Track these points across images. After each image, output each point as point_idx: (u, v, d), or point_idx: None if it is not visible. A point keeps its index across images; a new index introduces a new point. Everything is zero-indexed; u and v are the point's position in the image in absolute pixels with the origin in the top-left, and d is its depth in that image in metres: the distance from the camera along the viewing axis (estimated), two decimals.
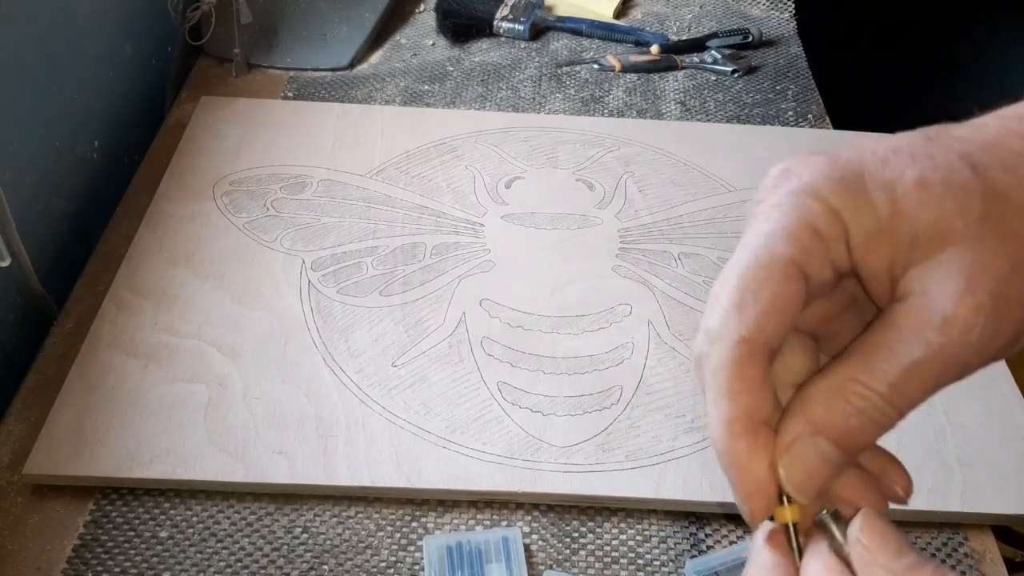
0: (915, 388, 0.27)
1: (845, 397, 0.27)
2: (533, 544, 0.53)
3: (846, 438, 0.27)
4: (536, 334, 0.63)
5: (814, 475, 0.28)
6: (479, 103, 0.86)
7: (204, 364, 0.60)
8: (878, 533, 0.26)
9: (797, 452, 0.28)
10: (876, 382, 0.27)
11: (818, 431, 0.27)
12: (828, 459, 0.28)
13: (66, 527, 0.53)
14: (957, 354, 0.27)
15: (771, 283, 0.27)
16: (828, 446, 0.27)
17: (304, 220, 0.71)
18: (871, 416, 0.27)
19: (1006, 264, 0.27)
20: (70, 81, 0.72)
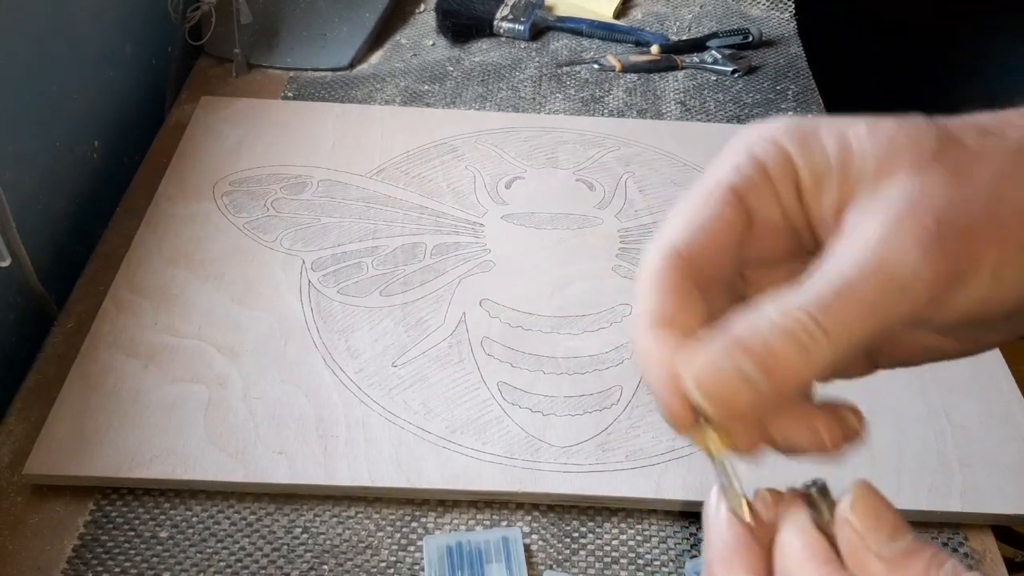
0: (850, 312, 0.24)
1: (770, 316, 0.25)
2: (533, 544, 0.53)
3: (771, 361, 0.24)
4: (536, 334, 0.63)
5: (729, 388, 0.24)
6: (479, 103, 0.86)
7: (204, 364, 0.60)
8: (871, 511, 0.24)
9: (712, 358, 0.25)
10: (806, 302, 0.24)
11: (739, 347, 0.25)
12: (748, 378, 0.24)
13: (66, 527, 0.53)
14: (895, 276, 0.24)
15: (708, 203, 0.27)
16: (749, 365, 0.24)
17: (304, 220, 0.71)
18: (799, 340, 0.24)
19: (956, 196, 0.25)
20: (70, 81, 0.72)
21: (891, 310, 0.24)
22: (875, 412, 0.60)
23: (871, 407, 0.64)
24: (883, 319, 0.24)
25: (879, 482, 0.60)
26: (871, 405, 0.63)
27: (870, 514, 0.24)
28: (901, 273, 0.24)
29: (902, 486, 0.55)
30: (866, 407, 0.64)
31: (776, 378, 0.24)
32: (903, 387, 0.61)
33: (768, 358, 0.24)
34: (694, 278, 0.27)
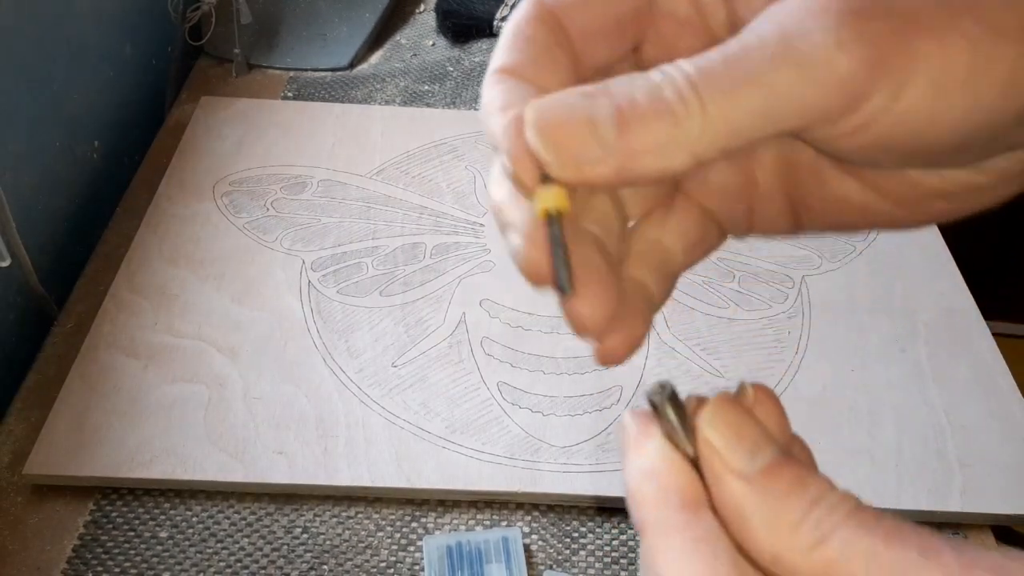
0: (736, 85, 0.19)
1: (646, 75, 0.20)
2: (533, 544, 0.53)
3: (629, 116, 0.20)
4: (536, 334, 0.63)
5: (573, 133, 0.20)
6: (479, 103, 0.86)
7: (204, 364, 0.60)
8: (730, 425, 0.20)
9: (563, 97, 0.21)
10: (688, 62, 0.20)
11: (599, 91, 0.20)
12: (597, 127, 0.20)
13: (66, 527, 0.53)
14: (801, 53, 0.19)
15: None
16: (604, 112, 0.20)
17: (304, 220, 0.71)
18: (668, 104, 0.20)
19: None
20: (70, 81, 0.72)
21: (790, 96, 0.20)
22: (875, 412, 0.60)
23: (871, 407, 0.64)
24: (778, 107, 0.20)
25: (879, 482, 0.60)
26: (871, 405, 0.63)
27: (728, 428, 0.20)
28: (809, 53, 0.19)
29: (902, 486, 0.55)
30: (866, 407, 0.65)
31: (630, 139, 0.20)
32: (903, 387, 0.61)
33: (627, 112, 0.20)
34: (563, 39, 0.23)
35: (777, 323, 0.65)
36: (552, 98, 0.21)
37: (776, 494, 0.19)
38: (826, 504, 0.19)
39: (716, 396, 0.21)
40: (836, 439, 0.58)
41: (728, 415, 0.21)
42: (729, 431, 0.20)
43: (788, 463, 0.20)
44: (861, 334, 0.65)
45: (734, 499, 0.20)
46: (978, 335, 0.65)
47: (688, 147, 0.20)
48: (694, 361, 0.62)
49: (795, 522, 0.19)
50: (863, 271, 0.70)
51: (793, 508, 0.19)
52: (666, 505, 0.20)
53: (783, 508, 0.19)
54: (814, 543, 0.18)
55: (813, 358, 0.63)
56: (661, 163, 0.20)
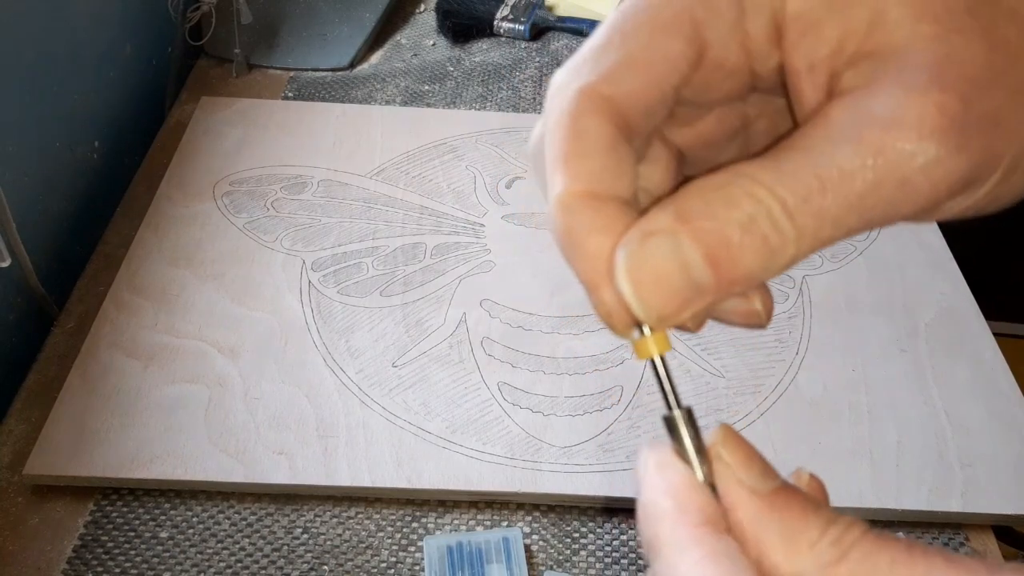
0: (831, 205, 0.19)
1: (732, 195, 0.19)
2: (534, 544, 0.53)
3: (721, 252, 0.19)
4: (536, 334, 0.63)
5: (667, 285, 0.20)
6: (479, 103, 0.86)
7: (204, 364, 0.60)
8: (740, 449, 0.21)
9: (651, 249, 0.20)
10: (779, 184, 0.19)
11: (687, 229, 0.20)
12: (690, 273, 0.20)
13: (66, 527, 0.53)
14: (898, 165, 0.19)
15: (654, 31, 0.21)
16: (695, 254, 0.19)
17: (304, 220, 0.71)
18: (762, 230, 0.19)
19: (986, 69, 0.19)
20: (70, 81, 0.72)
21: (883, 212, 0.19)
22: (875, 412, 0.60)
23: (871, 407, 0.64)
24: (869, 221, 0.19)
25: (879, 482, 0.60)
26: (871, 405, 0.63)
27: (740, 451, 0.21)
28: (908, 169, 0.19)
29: (902, 486, 0.55)
30: (866, 407, 0.64)
31: (724, 277, 0.20)
32: (903, 387, 0.61)
33: (722, 252, 0.19)
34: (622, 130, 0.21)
35: (777, 323, 0.65)
36: (641, 245, 0.20)
37: (793, 512, 0.20)
38: (843, 522, 0.19)
39: (721, 425, 0.22)
40: (836, 439, 0.58)
41: (737, 440, 0.21)
42: (741, 452, 0.21)
43: (796, 488, 0.20)
44: (861, 334, 0.65)
45: (752, 517, 0.20)
46: (978, 335, 0.65)
47: (776, 270, 0.20)
48: (694, 361, 0.62)
49: (814, 539, 0.19)
50: (863, 271, 0.70)
51: (811, 525, 0.19)
52: (686, 521, 0.20)
53: (801, 526, 0.19)
54: (835, 559, 0.19)
55: (813, 358, 0.63)
56: (745, 287, 0.20)
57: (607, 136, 0.21)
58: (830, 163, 0.19)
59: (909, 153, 0.19)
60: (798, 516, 0.19)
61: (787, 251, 0.19)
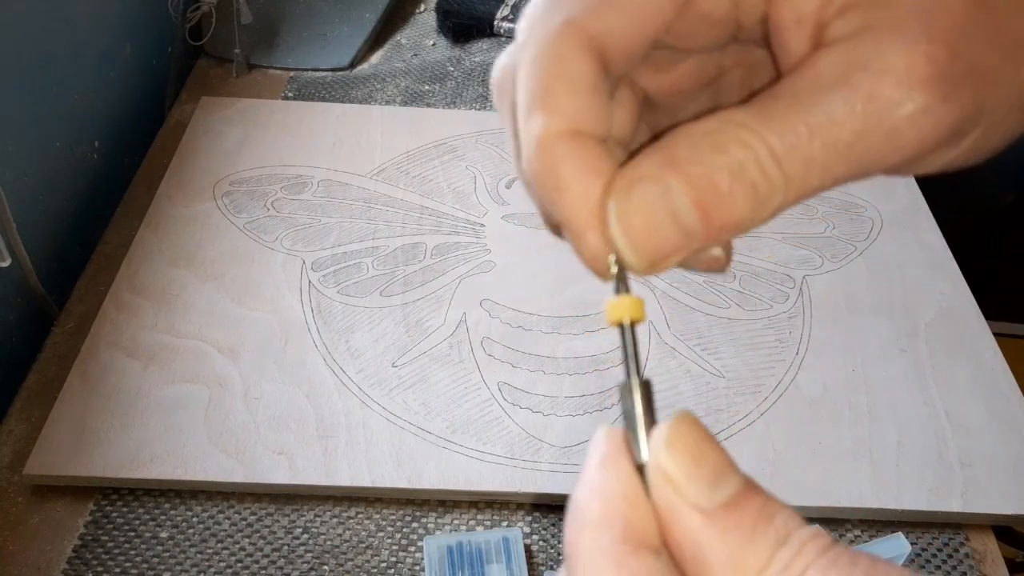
0: (819, 152, 0.19)
1: (720, 142, 0.19)
2: (534, 544, 0.53)
3: (710, 199, 0.19)
4: (537, 334, 0.63)
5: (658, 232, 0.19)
6: (480, 103, 0.86)
7: (204, 364, 0.60)
8: (689, 452, 0.18)
9: (640, 195, 0.19)
10: (768, 131, 0.19)
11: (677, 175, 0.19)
12: (680, 220, 0.19)
13: (66, 527, 0.53)
14: (887, 114, 0.19)
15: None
16: (684, 200, 0.19)
17: (304, 220, 0.71)
18: (751, 176, 0.19)
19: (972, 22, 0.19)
20: (70, 81, 0.72)
21: (870, 161, 0.19)
22: (875, 412, 0.60)
23: (871, 407, 0.64)
24: (857, 170, 0.20)
25: (879, 482, 0.60)
26: (871, 405, 0.63)
27: (687, 455, 0.18)
28: (897, 117, 0.19)
29: (902, 486, 0.55)
30: (866, 407, 0.64)
31: (712, 224, 0.19)
32: (904, 387, 0.61)
33: (712, 199, 0.19)
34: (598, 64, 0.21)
35: (778, 323, 0.65)
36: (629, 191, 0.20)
37: (739, 532, 0.17)
38: (796, 542, 0.17)
39: (675, 415, 0.19)
40: (836, 439, 0.58)
41: (688, 438, 0.19)
42: (688, 457, 0.18)
43: (752, 494, 0.18)
44: (861, 334, 0.65)
45: (691, 536, 0.18)
46: (978, 335, 0.65)
47: (763, 218, 0.20)
48: (694, 361, 0.62)
49: (761, 565, 0.17)
50: (863, 271, 0.70)
51: (759, 548, 0.17)
52: (605, 535, 0.18)
53: (747, 548, 0.17)
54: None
55: (813, 358, 0.63)
56: (733, 235, 0.20)
57: (591, 75, 0.20)
58: (819, 110, 0.19)
59: (898, 102, 0.19)
60: (747, 534, 0.17)
61: (775, 198, 0.19)
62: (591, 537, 0.18)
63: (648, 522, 0.18)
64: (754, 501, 0.18)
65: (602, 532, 0.18)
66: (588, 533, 0.18)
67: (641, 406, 0.20)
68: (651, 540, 0.18)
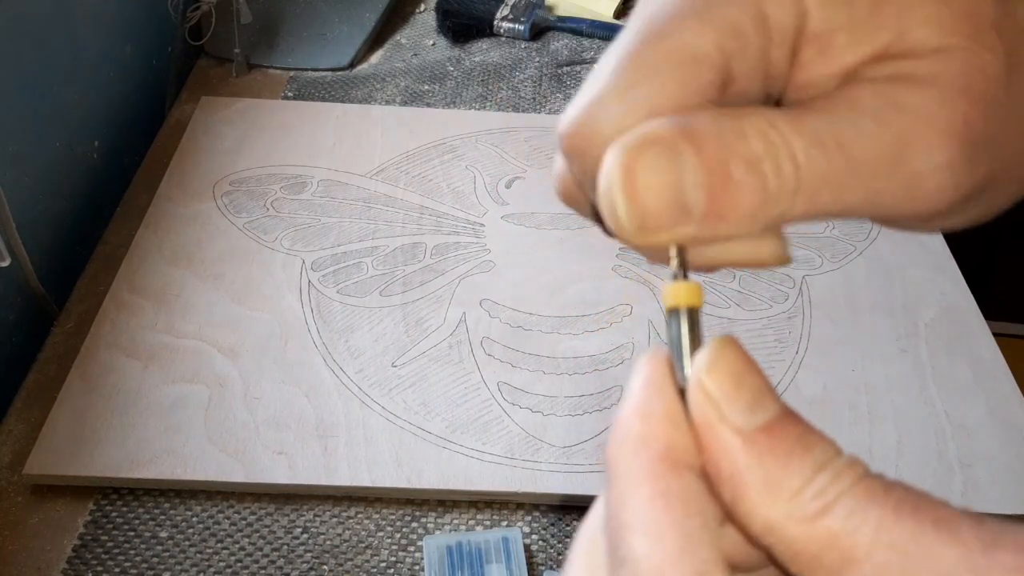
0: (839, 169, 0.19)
1: (744, 129, 0.19)
2: (533, 544, 0.53)
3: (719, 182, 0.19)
4: (536, 334, 0.63)
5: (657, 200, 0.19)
6: (479, 103, 0.86)
7: (204, 364, 0.60)
8: (730, 374, 0.18)
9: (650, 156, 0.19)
10: (796, 134, 0.19)
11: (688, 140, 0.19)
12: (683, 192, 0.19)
13: (66, 527, 0.53)
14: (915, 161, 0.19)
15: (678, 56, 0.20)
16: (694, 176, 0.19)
17: (304, 220, 0.71)
18: (765, 173, 0.19)
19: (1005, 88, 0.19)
20: (70, 81, 0.72)
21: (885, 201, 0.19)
22: (875, 412, 0.60)
23: (871, 407, 0.64)
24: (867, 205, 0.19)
25: None
26: (871, 405, 0.63)
27: (728, 377, 0.18)
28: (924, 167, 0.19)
29: None
30: (866, 407, 0.64)
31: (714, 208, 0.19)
32: (903, 387, 0.61)
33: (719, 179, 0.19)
34: None
35: (777, 323, 0.65)
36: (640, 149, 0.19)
37: (776, 455, 0.17)
38: (832, 470, 0.17)
39: (718, 338, 0.19)
40: (836, 439, 0.57)
41: (729, 361, 0.18)
42: (728, 379, 0.18)
43: (791, 421, 0.18)
44: (861, 334, 0.65)
45: (728, 456, 0.18)
46: (978, 335, 0.65)
47: (763, 220, 0.19)
48: None
49: (796, 488, 0.17)
50: (863, 271, 0.70)
51: (794, 472, 0.17)
52: (644, 451, 0.18)
53: (783, 472, 0.17)
54: (816, 513, 0.17)
55: (813, 358, 0.63)
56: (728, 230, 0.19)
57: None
58: (850, 132, 0.19)
59: (928, 151, 0.19)
60: (783, 458, 0.17)
61: (781, 203, 0.19)
62: (630, 453, 0.18)
63: (688, 442, 0.18)
64: (793, 428, 0.18)
65: (642, 449, 0.18)
66: (627, 448, 0.18)
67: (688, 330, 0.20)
68: (690, 460, 0.18)
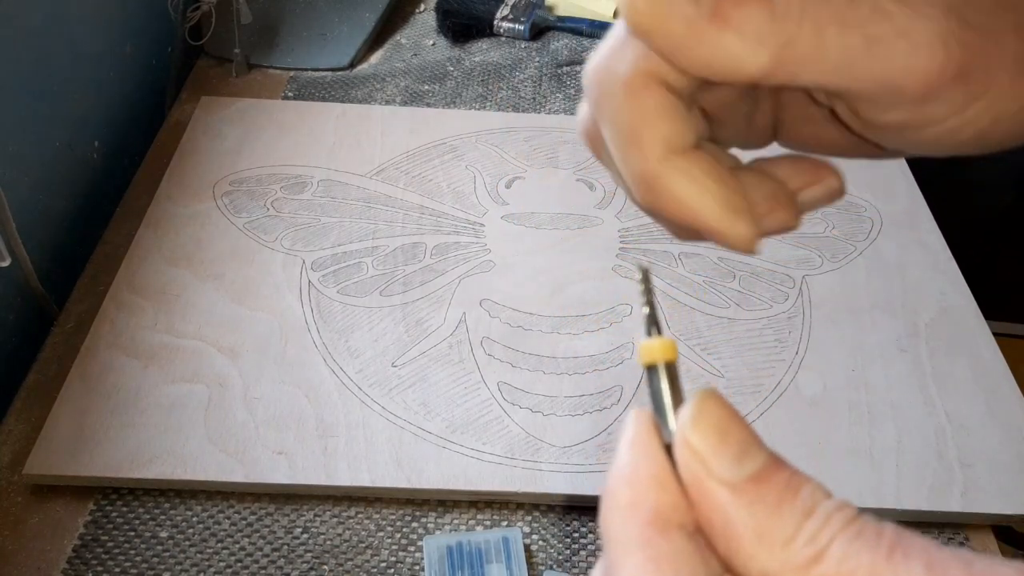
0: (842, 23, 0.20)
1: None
2: (533, 544, 0.53)
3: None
4: (536, 334, 0.63)
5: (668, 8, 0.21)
6: (479, 103, 0.86)
7: (204, 364, 0.60)
8: (714, 428, 0.19)
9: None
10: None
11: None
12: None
13: (66, 527, 0.53)
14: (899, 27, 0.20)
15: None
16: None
17: (304, 220, 0.71)
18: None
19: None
20: (70, 81, 0.72)
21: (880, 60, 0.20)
22: (875, 412, 0.59)
23: (871, 407, 0.64)
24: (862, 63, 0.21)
25: (879, 482, 0.60)
26: (871, 405, 0.63)
27: (712, 431, 0.19)
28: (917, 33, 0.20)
29: (902, 486, 0.55)
30: (866, 407, 0.64)
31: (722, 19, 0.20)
32: (903, 387, 0.61)
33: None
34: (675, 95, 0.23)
35: (777, 323, 0.65)
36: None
37: (766, 504, 0.18)
38: (822, 514, 0.18)
39: (700, 392, 0.19)
40: (836, 439, 0.58)
41: (713, 414, 0.19)
42: (713, 433, 0.19)
43: (778, 468, 0.18)
44: (861, 334, 0.65)
45: (719, 510, 0.18)
46: (978, 335, 0.65)
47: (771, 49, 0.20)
48: (694, 361, 0.62)
49: (788, 536, 0.17)
50: (863, 271, 0.70)
51: (785, 520, 0.18)
52: (633, 517, 0.19)
53: (774, 519, 0.18)
54: (809, 559, 0.17)
55: (813, 358, 0.63)
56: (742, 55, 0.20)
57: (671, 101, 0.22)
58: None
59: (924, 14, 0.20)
60: (773, 506, 0.18)
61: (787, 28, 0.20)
62: (620, 520, 0.19)
63: (676, 501, 0.19)
64: (780, 475, 0.18)
65: (631, 515, 0.19)
66: (618, 516, 0.19)
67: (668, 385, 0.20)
68: (679, 519, 0.19)
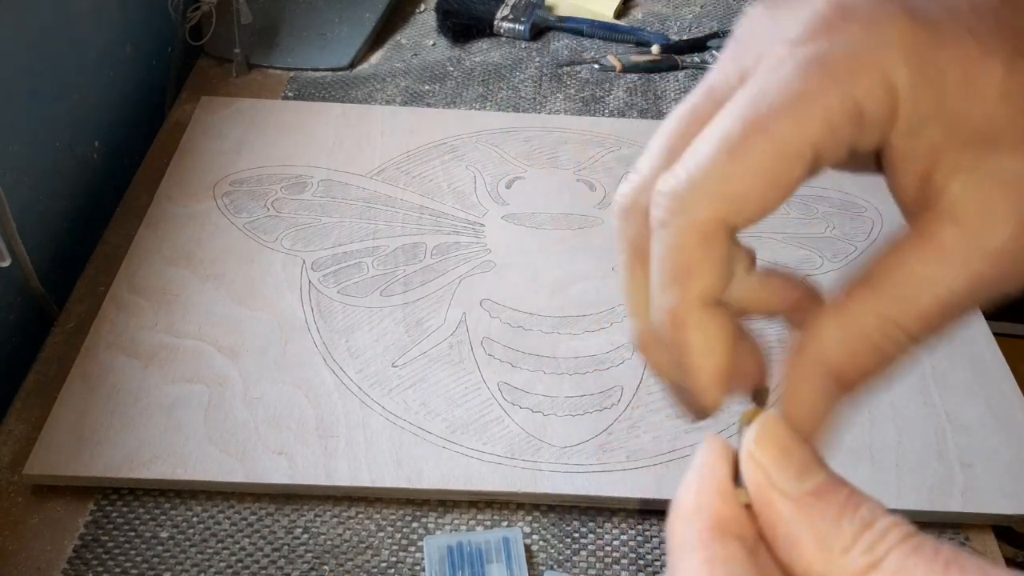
0: (946, 319, 0.22)
1: (869, 335, 0.23)
2: (534, 544, 0.53)
3: (855, 373, 0.24)
4: (537, 334, 0.63)
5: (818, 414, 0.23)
6: (480, 103, 0.86)
7: (204, 364, 0.60)
8: (777, 445, 0.21)
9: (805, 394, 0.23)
10: (907, 318, 0.22)
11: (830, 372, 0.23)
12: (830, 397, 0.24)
13: (66, 527, 0.53)
14: (998, 282, 0.22)
15: (775, 161, 0.22)
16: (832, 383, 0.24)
17: (304, 220, 0.71)
18: (891, 352, 0.23)
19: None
20: (70, 81, 0.72)
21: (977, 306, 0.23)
22: (875, 412, 0.59)
23: (871, 407, 0.64)
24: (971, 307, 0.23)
25: (879, 482, 0.60)
26: (871, 405, 0.63)
27: (775, 448, 0.21)
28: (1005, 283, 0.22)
29: (902, 486, 0.55)
30: (866, 407, 0.64)
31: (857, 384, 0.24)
32: (903, 387, 0.61)
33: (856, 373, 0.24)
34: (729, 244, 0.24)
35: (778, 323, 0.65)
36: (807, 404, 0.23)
37: (826, 515, 0.19)
38: (880, 528, 0.19)
39: (764, 415, 0.22)
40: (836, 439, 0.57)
41: (776, 434, 0.21)
42: (776, 449, 0.21)
43: (839, 485, 0.20)
44: None
45: (782, 520, 0.20)
46: (978, 335, 0.65)
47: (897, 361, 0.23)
48: None
49: (846, 545, 0.19)
50: None
51: (844, 531, 0.19)
52: (694, 524, 0.21)
53: (834, 529, 0.19)
54: (866, 567, 0.18)
55: None
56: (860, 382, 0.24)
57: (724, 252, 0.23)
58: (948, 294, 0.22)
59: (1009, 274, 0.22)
60: (832, 519, 0.19)
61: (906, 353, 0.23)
62: (683, 525, 0.21)
63: (735, 513, 0.21)
64: (841, 491, 0.20)
65: (693, 521, 0.21)
66: (681, 522, 0.21)
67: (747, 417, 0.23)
68: (738, 530, 0.20)
